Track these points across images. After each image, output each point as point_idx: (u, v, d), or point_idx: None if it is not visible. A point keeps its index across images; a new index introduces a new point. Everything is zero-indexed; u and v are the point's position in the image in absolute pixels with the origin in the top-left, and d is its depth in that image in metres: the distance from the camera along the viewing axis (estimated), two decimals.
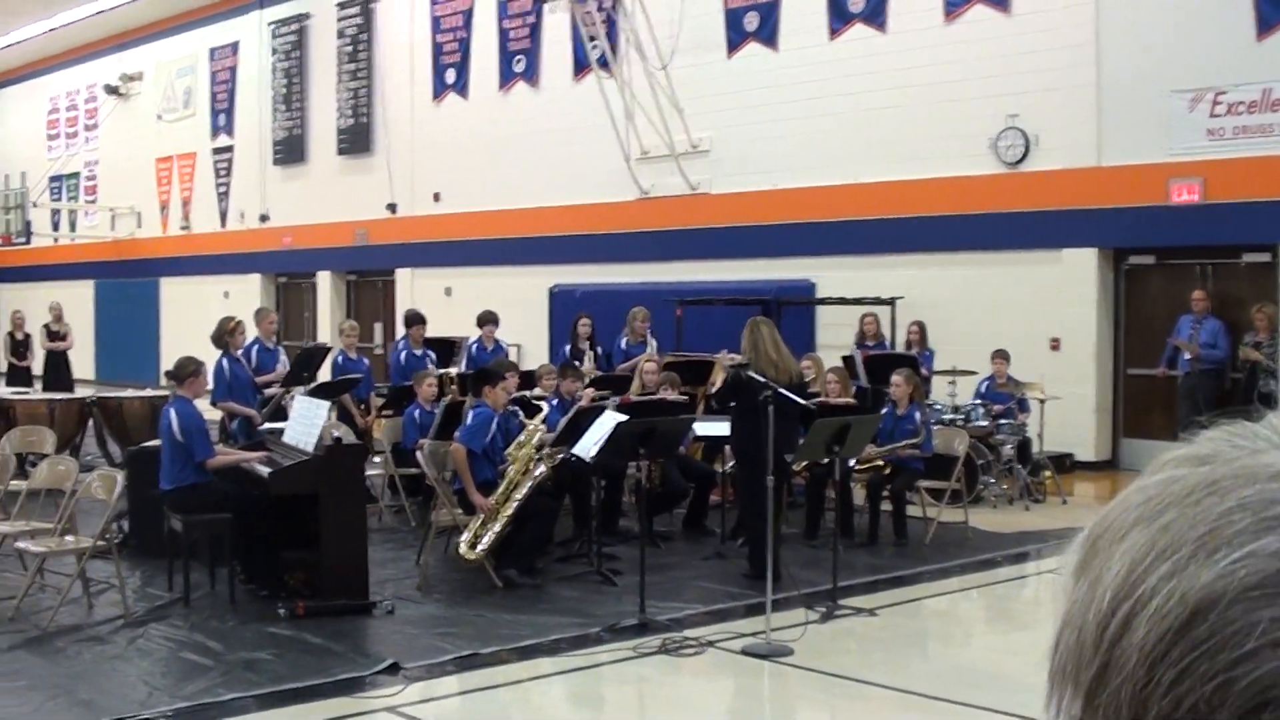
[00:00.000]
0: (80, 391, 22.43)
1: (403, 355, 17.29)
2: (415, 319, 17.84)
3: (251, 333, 16.01)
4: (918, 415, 13.93)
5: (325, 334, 29.41)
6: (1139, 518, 0.78)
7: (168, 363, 16.55)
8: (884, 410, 13.99)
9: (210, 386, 13.58)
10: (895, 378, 14.13)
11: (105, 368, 36.54)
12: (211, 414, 13.96)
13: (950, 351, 17.80)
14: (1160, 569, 0.75)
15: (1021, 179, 19.46)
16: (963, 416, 16.09)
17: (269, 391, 15.23)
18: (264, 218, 32.82)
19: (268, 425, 13.17)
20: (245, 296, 31.06)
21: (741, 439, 11.67)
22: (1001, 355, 16.88)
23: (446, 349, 18.47)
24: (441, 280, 27.64)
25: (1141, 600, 0.75)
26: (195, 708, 8.37)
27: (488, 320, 18.21)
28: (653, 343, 17.87)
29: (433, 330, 20.19)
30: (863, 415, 12.17)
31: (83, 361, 31.00)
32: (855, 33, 21.22)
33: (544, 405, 13.27)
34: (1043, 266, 19.20)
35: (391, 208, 28.99)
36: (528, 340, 24.10)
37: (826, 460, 11.67)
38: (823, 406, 12.97)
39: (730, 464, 13.35)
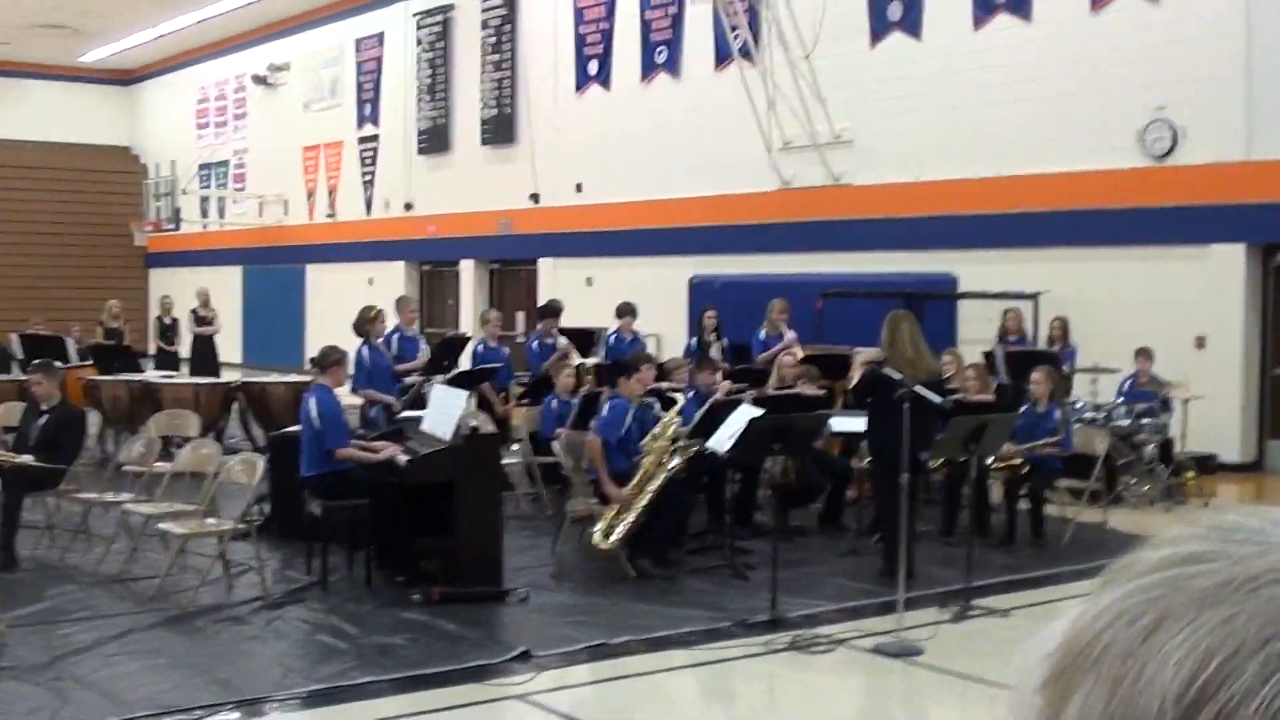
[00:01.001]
0: (226, 376, 22.86)
1: (535, 344, 17.42)
2: (547, 311, 17.97)
3: (392, 321, 16.23)
4: (1057, 413, 13.75)
5: (468, 322, 29.69)
6: (1162, 616, 0.71)
7: (313, 348, 16.84)
8: (1023, 408, 13.83)
9: (351, 374, 13.78)
10: (1035, 375, 13.96)
11: (252, 352, 37.19)
12: (352, 401, 14.19)
13: (1093, 348, 17.55)
14: (1253, 663, 0.69)
15: (1168, 172, 19.11)
16: (1104, 415, 15.85)
17: (409, 380, 15.43)
18: (408, 206, 33.21)
19: (406, 413, 13.32)
20: (389, 284, 31.47)
21: (877, 436, 11.61)
22: (1145, 353, 16.59)
23: (585, 339, 18.56)
24: (583, 270, 27.78)
25: (1235, 695, 0.69)
26: (329, 690, 8.52)
27: (626, 311, 18.29)
28: (790, 334, 17.81)
29: (573, 320, 20.33)
30: (1000, 414, 12.03)
31: (229, 346, 31.57)
32: (1000, 22, 20.96)
33: (679, 397, 13.28)
34: (1189, 262, 18.85)
35: (534, 198, 29.19)
36: (667, 331, 24.15)
37: (963, 458, 11.54)
38: (961, 404, 12.83)
39: (867, 460, 13.27)
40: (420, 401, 13.99)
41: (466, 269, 31.71)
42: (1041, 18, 20.43)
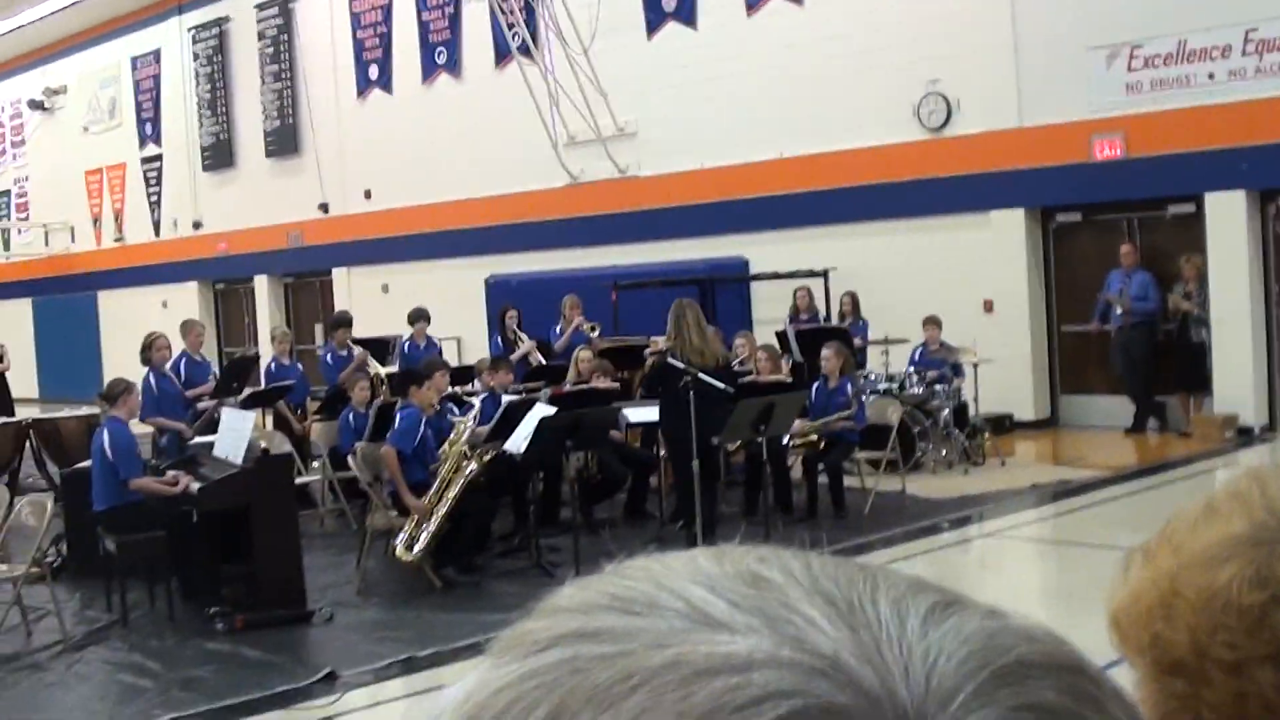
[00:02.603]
0: (21, 412, 22.27)
1: (329, 357, 17.26)
2: (338, 322, 17.84)
3: (180, 346, 15.96)
4: (849, 387, 14.01)
5: (266, 338, 29.30)
6: (558, 711, 0.63)
7: (111, 378, 16.48)
8: (815, 384, 14.08)
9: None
10: (825, 351, 14.20)
11: (48, 386, 36.27)
12: (144, 431, 13.94)
13: (885, 320, 17.90)
14: None
15: (945, 144, 19.58)
16: (897, 385, 16.20)
17: (201, 405, 15.19)
18: (197, 225, 32.64)
19: (199, 439, 13.13)
20: (183, 305, 30.90)
21: (669, 424, 11.75)
22: (933, 321, 16.98)
23: (382, 348, 18.42)
24: (378, 277, 27.59)
25: None
26: None
27: (418, 317, 18.20)
28: (589, 327, 17.90)
29: (372, 329, 20.22)
30: (787, 393, 12.22)
31: (25, 381, 30.80)
32: (772, 6, 21.28)
33: (475, 401, 13.28)
34: (971, 230, 19.33)
35: (324, 208, 28.93)
36: (467, 333, 24.11)
37: (755, 439, 11.71)
38: (751, 385, 13.01)
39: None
40: (215, 426, 13.80)
41: (260, 285, 31.27)
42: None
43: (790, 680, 0.60)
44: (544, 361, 17.39)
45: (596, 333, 17.81)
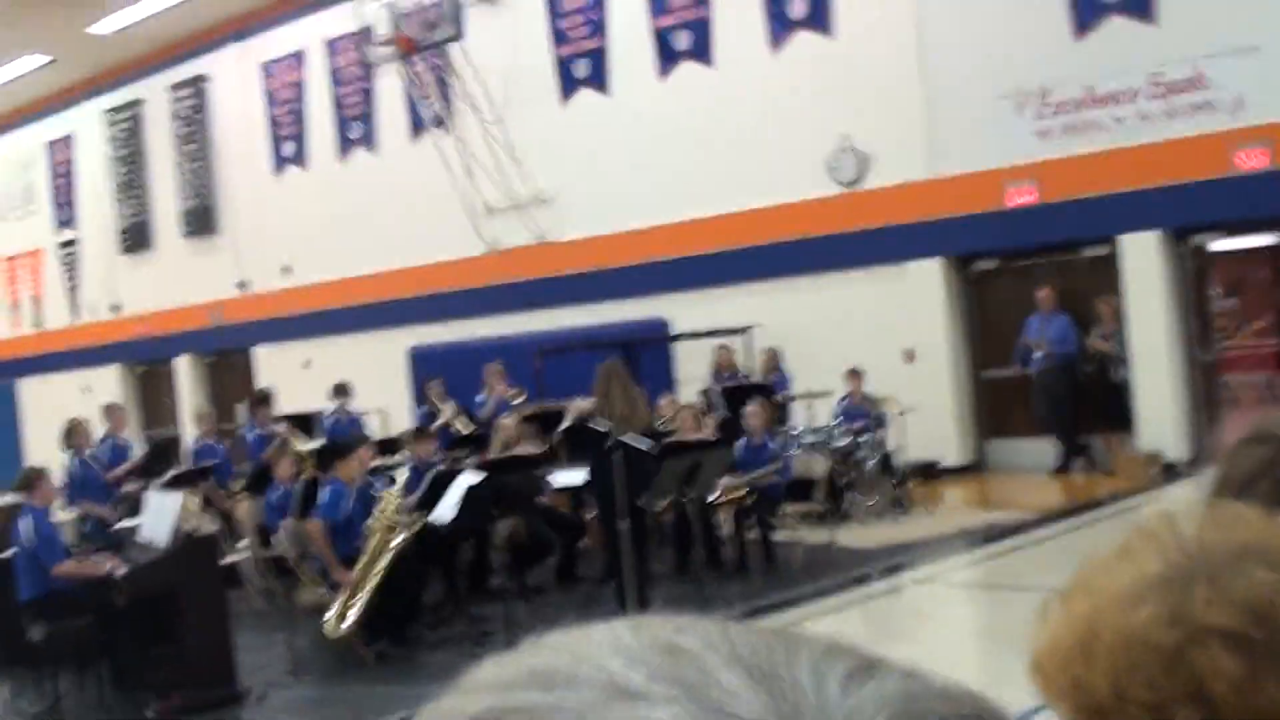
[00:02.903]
0: None
1: (251, 436, 17.19)
2: (259, 400, 17.79)
3: (102, 430, 15.84)
4: (772, 443, 14.07)
5: (188, 420, 29.07)
6: None
7: (33, 464, 16.31)
8: (741, 441, 14.13)
9: (62, 488, 13.40)
10: (748, 408, 14.27)
11: None
12: (65, 517, 13.80)
13: (808, 374, 17.98)
14: None
15: (859, 197, 19.74)
16: (823, 438, 16.26)
17: (126, 488, 15.06)
18: (116, 308, 32.41)
19: (123, 523, 13.00)
20: (105, 389, 30.58)
21: (596, 485, 11.76)
22: (854, 374, 17.10)
23: (306, 423, 18.34)
24: (299, 352, 27.41)
25: None
26: None
27: (340, 392, 18.19)
28: (515, 393, 17.87)
29: (295, 404, 20.09)
30: (711, 450, 12.26)
31: None
32: (684, 70, 21.44)
33: (400, 471, 13.25)
34: (889, 282, 19.46)
35: (242, 285, 28.79)
36: (391, 404, 23.99)
37: (682, 497, 11.74)
38: (677, 444, 13.04)
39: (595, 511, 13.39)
40: (137, 509, 13.67)
41: (182, 365, 31.01)
42: (723, 60, 20.97)
43: None
44: (466, 429, 17.36)
45: (522, 399, 17.80)
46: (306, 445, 16.67)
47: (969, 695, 0.68)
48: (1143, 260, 17.58)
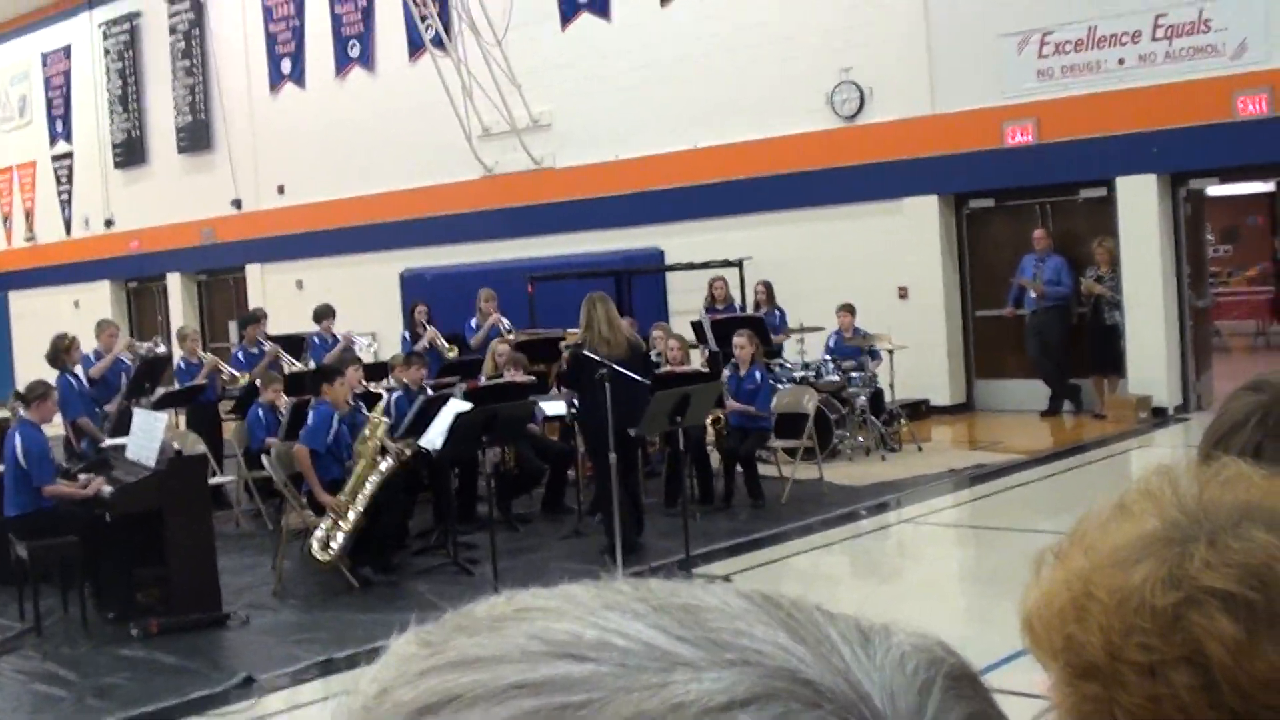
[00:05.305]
0: None
1: (240, 355, 17.11)
2: (247, 319, 17.69)
3: (92, 345, 15.75)
4: (758, 375, 14.01)
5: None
6: None
7: (23, 380, 16.21)
8: (728, 373, 14.09)
9: (59, 405, 13.26)
10: (737, 339, 14.21)
11: None
12: (55, 433, 13.70)
13: (800, 308, 17.89)
14: None
15: (859, 131, 19.63)
16: (813, 373, 16.20)
17: (108, 406, 14.95)
18: (109, 223, 32.24)
19: (111, 441, 12.91)
20: (96, 305, 30.47)
21: (585, 416, 11.70)
22: (846, 309, 17.00)
23: (295, 345, 18.21)
24: (292, 274, 27.34)
25: None
26: None
27: (325, 314, 18.05)
28: (505, 323, 17.77)
29: (286, 325, 20.01)
30: (703, 383, 12.19)
31: None
32: None
33: (384, 394, 13.19)
34: (885, 217, 19.39)
35: (236, 204, 28.62)
36: (383, 328, 23.88)
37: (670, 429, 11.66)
38: (667, 375, 12.98)
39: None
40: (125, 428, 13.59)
41: (173, 283, 30.89)
42: None
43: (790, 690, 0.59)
44: (450, 353, 17.28)
45: (512, 335, 17.68)
46: (298, 365, 16.61)
47: (946, 645, 0.68)
48: (1139, 203, 17.52)
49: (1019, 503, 13.39)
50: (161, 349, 16.89)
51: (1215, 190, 19.55)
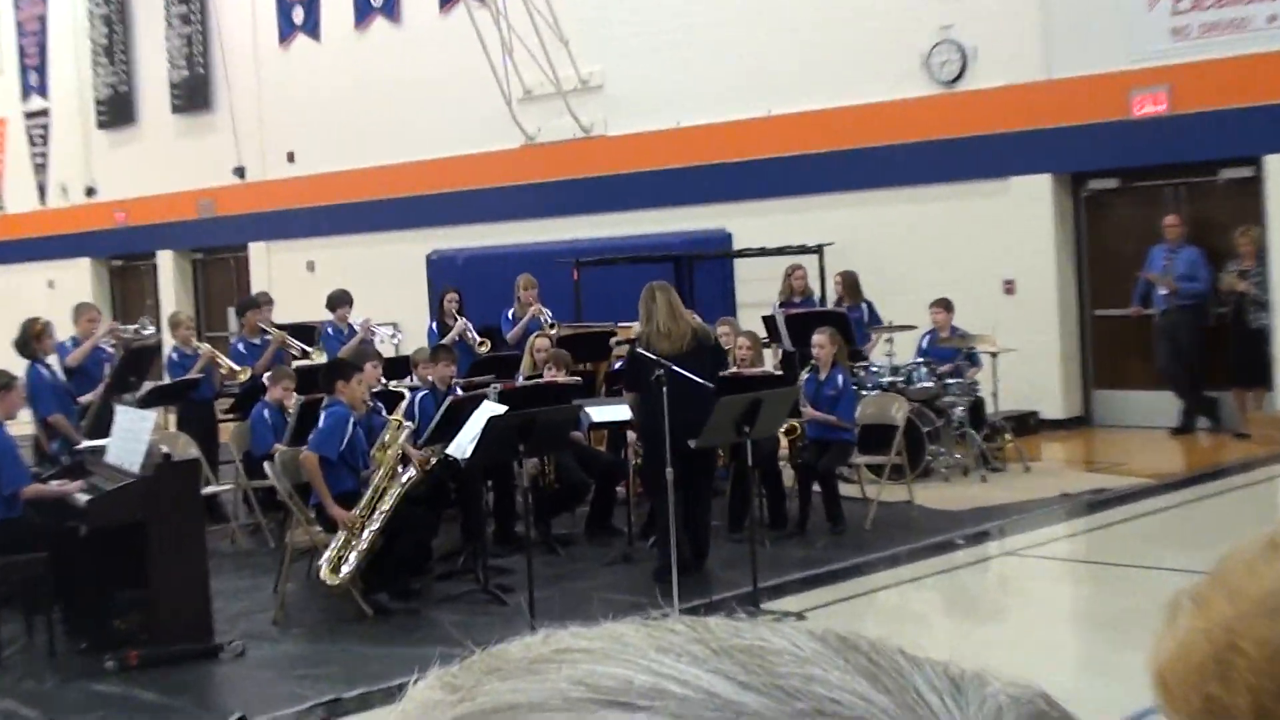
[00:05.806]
0: None
1: (240, 347, 17.13)
2: (247, 305, 17.73)
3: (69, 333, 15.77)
4: (840, 379, 13.91)
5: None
6: None
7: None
8: (806, 376, 14.01)
9: (28, 400, 13.28)
10: (817, 338, 14.13)
11: None
12: (24, 432, 13.73)
13: (889, 304, 17.82)
14: None
15: (959, 99, 19.53)
16: (903, 379, 16.09)
17: (84, 399, 14.94)
18: (90, 191, 32.46)
19: (88, 443, 12.91)
20: (74, 286, 30.68)
21: (644, 424, 11.63)
22: (942, 305, 16.84)
23: (307, 335, 18.21)
24: (302, 253, 27.47)
25: None
26: None
27: (340, 301, 18.06)
28: (546, 314, 17.74)
29: (295, 313, 20.04)
30: (775, 389, 12.09)
31: None
32: None
33: (406, 394, 13.18)
34: (990, 199, 19.29)
35: (239, 172, 28.80)
36: (406, 318, 23.91)
37: (736, 442, 11.58)
38: (734, 378, 12.88)
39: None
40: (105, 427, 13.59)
41: (165, 261, 31.08)
42: None
43: None
44: (483, 348, 17.26)
45: (554, 330, 17.64)
46: (302, 360, 16.59)
47: (1047, 695, 0.67)
48: None
49: (1144, 535, 13.27)
50: (150, 332, 16.90)
51: None
